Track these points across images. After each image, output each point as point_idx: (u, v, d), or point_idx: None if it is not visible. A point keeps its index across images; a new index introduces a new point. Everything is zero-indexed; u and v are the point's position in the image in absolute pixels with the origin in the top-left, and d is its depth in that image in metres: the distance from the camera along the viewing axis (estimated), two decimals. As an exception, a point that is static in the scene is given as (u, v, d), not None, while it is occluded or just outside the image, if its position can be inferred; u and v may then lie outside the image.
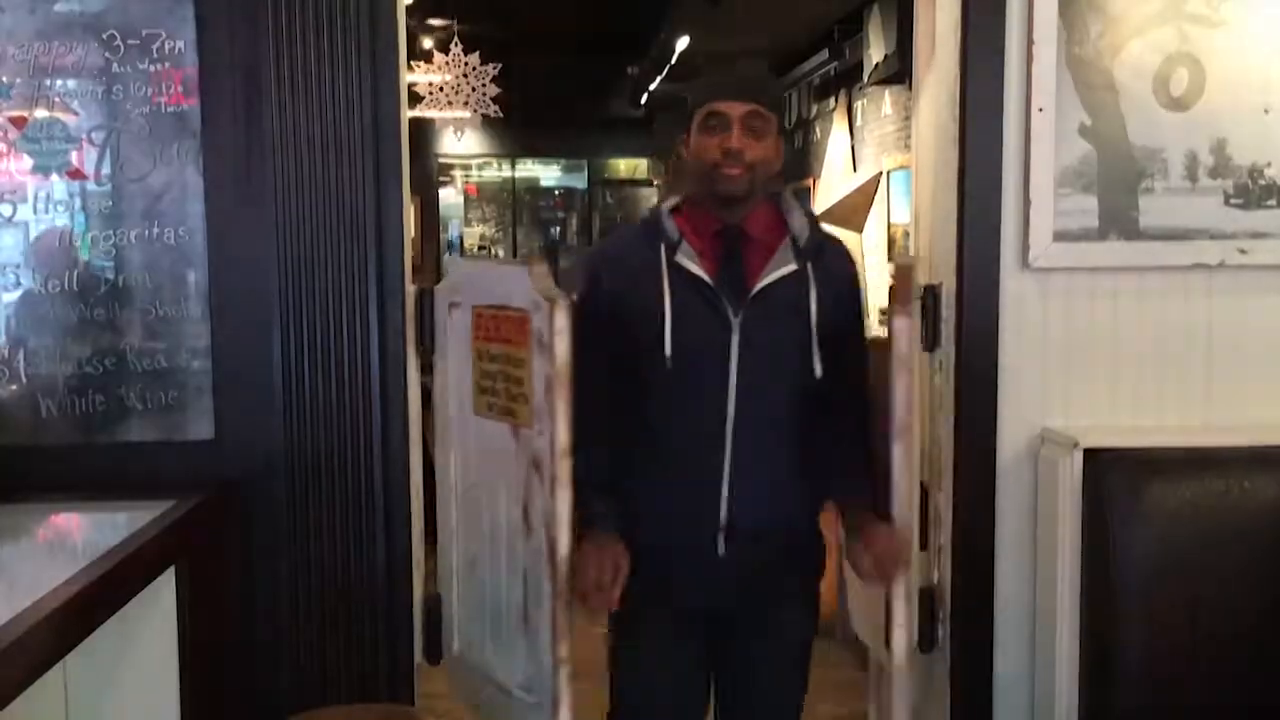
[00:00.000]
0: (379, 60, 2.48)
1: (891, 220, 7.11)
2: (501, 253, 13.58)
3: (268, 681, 2.54)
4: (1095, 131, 2.56)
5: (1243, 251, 2.58)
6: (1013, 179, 2.58)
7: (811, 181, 9.41)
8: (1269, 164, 2.57)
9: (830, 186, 8.51)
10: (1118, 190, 2.57)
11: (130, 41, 2.46)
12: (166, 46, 2.46)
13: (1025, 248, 2.57)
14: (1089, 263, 2.59)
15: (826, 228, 2.21)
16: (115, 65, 2.46)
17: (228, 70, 2.46)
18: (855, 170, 8.03)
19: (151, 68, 2.46)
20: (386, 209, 2.51)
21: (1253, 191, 2.58)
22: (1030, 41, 2.53)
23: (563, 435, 2.01)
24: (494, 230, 13.99)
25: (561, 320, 2.01)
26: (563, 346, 2.01)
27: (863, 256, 7.17)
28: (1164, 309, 2.61)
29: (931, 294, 2.66)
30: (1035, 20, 2.52)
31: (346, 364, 2.49)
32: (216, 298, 2.51)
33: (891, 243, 7.06)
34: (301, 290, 2.47)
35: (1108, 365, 2.61)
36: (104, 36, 2.45)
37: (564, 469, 2.02)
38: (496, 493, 2.35)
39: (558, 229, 14.27)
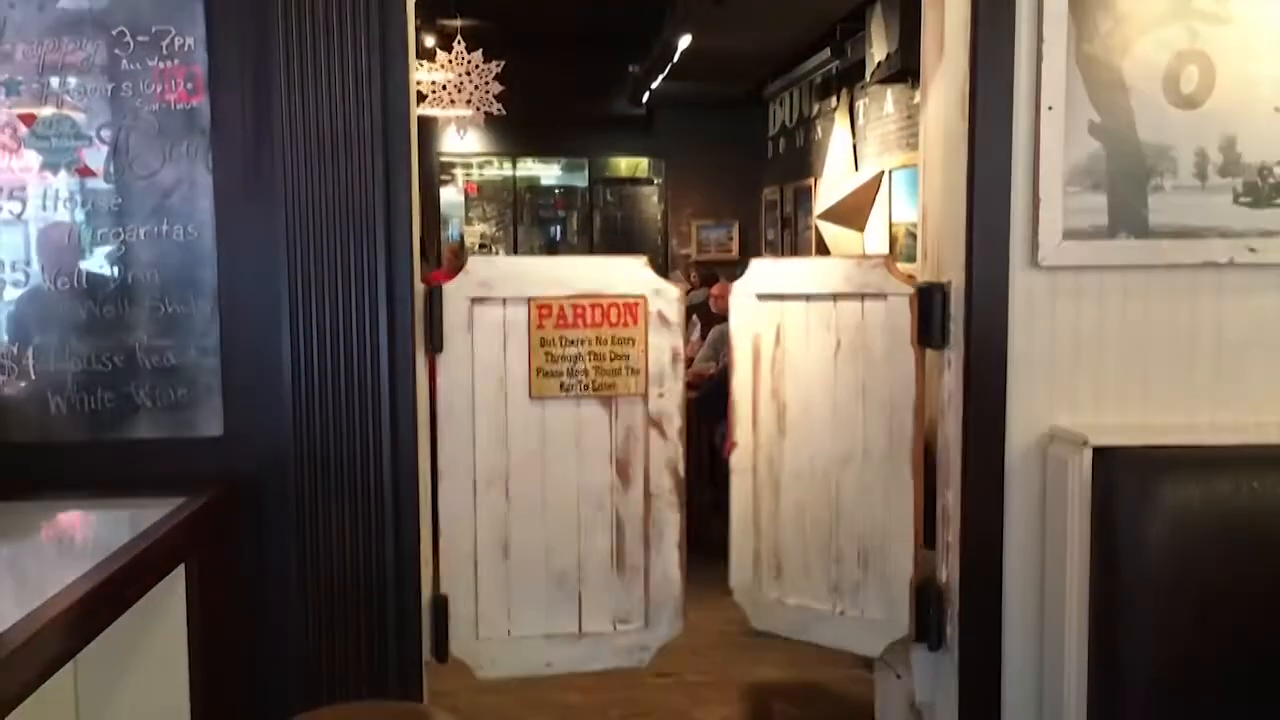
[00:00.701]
0: (388, 58, 2.47)
1: (893, 219, 7.12)
2: (502, 251, 13.59)
3: (277, 678, 2.54)
4: (1105, 129, 2.56)
5: (1252, 250, 2.58)
6: (1022, 177, 2.58)
7: (813, 181, 9.41)
8: (1279, 162, 2.57)
9: (832, 185, 8.52)
10: (1127, 188, 2.57)
11: (140, 38, 2.45)
12: (176, 43, 2.45)
13: (1034, 246, 2.57)
14: (1098, 261, 2.58)
15: None
16: (124, 62, 2.46)
17: (237, 68, 2.46)
18: (857, 169, 8.04)
19: (161, 65, 2.46)
20: (395, 206, 2.50)
21: (1262, 190, 2.58)
22: (1040, 39, 2.53)
23: (682, 394, 2.81)
24: (494, 229, 14.00)
25: (684, 303, 2.85)
26: (682, 324, 2.83)
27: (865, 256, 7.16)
28: (1173, 307, 2.61)
29: (940, 292, 2.66)
30: (1045, 18, 2.52)
31: (355, 361, 2.49)
32: (225, 295, 2.51)
33: (893, 241, 7.06)
34: (310, 287, 2.47)
35: (1117, 363, 2.61)
36: (113, 33, 2.45)
37: (683, 419, 2.80)
38: (565, 464, 2.77)
39: (558, 228, 14.27)
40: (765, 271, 3.04)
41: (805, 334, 2.92)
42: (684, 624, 2.85)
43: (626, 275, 2.76)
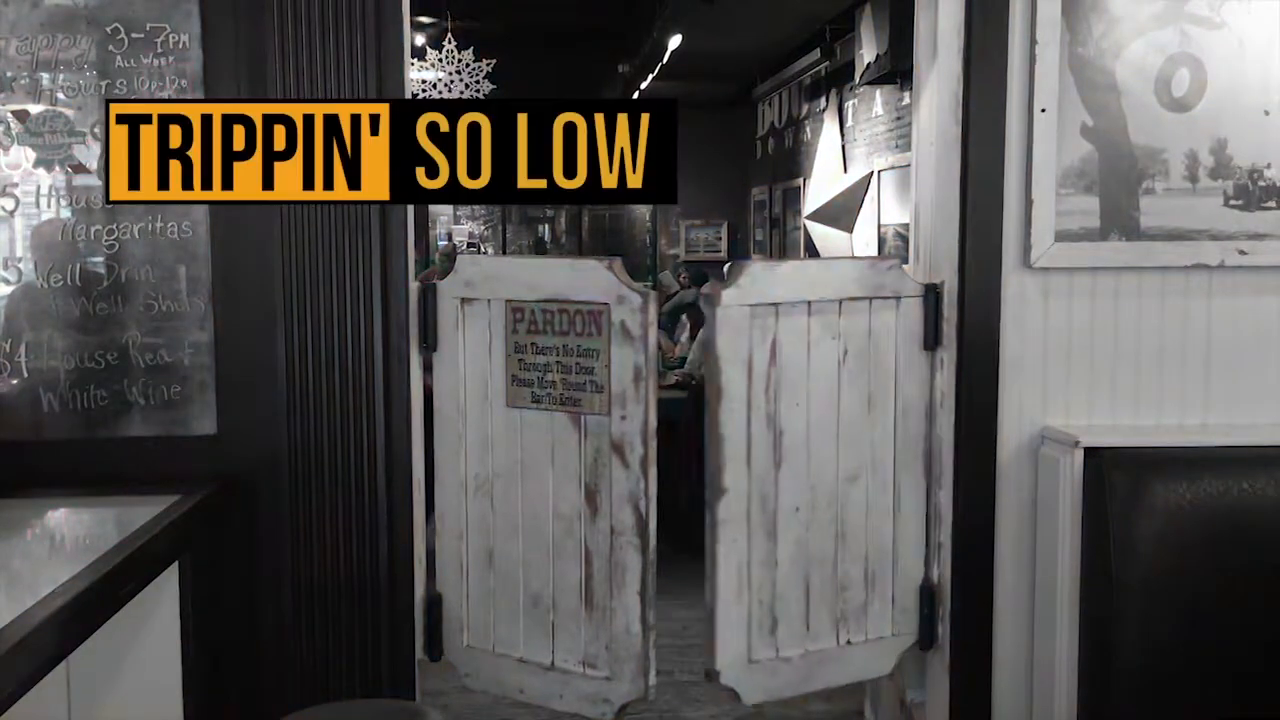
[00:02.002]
0: (384, 56, 2.47)
1: (882, 220, 7.14)
2: (491, 251, 13.58)
3: (270, 677, 2.53)
4: (1097, 132, 2.58)
5: (1242, 252, 2.60)
6: (1015, 179, 2.59)
7: (802, 181, 9.43)
8: (1269, 165, 2.59)
9: (821, 186, 8.53)
10: (1119, 191, 2.59)
11: (134, 35, 2.45)
12: (171, 41, 2.45)
13: (1027, 247, 2.58)
14: (1090, 263, 2.60)
15: None
16: (119, 59, 2.45)
17: (232, 65, 2.45)
18: (846, 170, 8.05)
19: (155, 62, 2.45)
20: (390, 204, 2.50)
21: (1252, 193, 2.60)
22: (1033, 42, 2.54)
23: (652, 419, 2.41)
24: (483, 228, 13.99)
25: (653, 312, 2.41)
26: (653, 337, 2.42)
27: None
28: (1164, 309, 2.63)
29: (933, 293, 2.67)
30: (1038, 21, 2.53)
31: (350, 360, 2.48)
32: (220, 293, 2.50)
33: (882, 243, 7.08)
34: (305, 286, 2.47)
35: (1108, 365, 2.63)
36: (107, 30, 2.44)
37: (652, 449, 2.41)
38: (541, 481, 2.56)
39: (546, 228, 14.28)
40: (758, 276, 2.52)
41: (806, 346, 2.58)
42: (648, 686, 2.48)
43: (590, 279, 2.44)
